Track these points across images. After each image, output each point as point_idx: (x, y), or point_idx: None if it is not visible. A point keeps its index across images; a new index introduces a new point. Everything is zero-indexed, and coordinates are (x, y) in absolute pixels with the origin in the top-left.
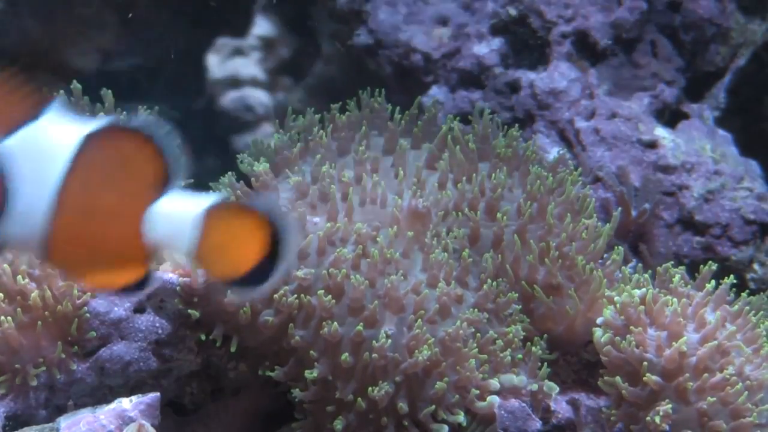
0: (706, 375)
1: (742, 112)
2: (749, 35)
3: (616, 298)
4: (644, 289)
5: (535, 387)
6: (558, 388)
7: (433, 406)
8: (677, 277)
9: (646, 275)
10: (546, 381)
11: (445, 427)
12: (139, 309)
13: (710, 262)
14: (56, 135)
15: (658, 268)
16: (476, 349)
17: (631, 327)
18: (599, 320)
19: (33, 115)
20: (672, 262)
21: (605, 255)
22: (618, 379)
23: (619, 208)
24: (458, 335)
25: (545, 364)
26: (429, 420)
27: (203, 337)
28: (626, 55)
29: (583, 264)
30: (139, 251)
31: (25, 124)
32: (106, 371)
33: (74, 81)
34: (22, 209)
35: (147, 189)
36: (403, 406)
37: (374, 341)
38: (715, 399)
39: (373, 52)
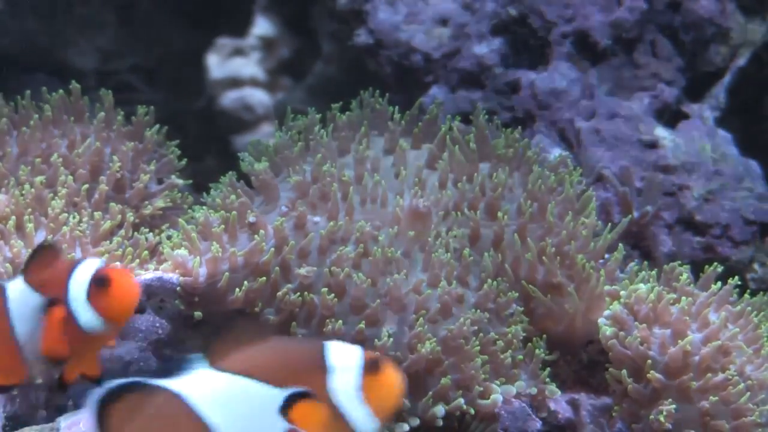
0: (708, 374)
1: (742, 112)
2: (749, 35)
3: (622, 293)
4: (650, 285)
5: (534, 390)
6: (559, 392)
7: (430, 393)
8: (684, 275)
9: (653, 272)
10: (548, 385)
11: (442, 409)
12: (139, 309)
13: (715, 263)
14: None
15: (665, 266)
16: (478, 347)
17: (637, 323)
18: (606, 312)
19: None
20: (679, 261)
21: (606, 255)
22: (624, 372)
23: (629, 216)
24: (461, 332)
25: (548, 369)
26: (431, 418)
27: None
28: (626, 55)
29: (583, 263)
30: None
31: None
32: (106, 371)
33: (73, 81)
34: None
35: None
36: (406, 403)
37: (376, 340)
38: (717, 398)
39: (373, 52)
